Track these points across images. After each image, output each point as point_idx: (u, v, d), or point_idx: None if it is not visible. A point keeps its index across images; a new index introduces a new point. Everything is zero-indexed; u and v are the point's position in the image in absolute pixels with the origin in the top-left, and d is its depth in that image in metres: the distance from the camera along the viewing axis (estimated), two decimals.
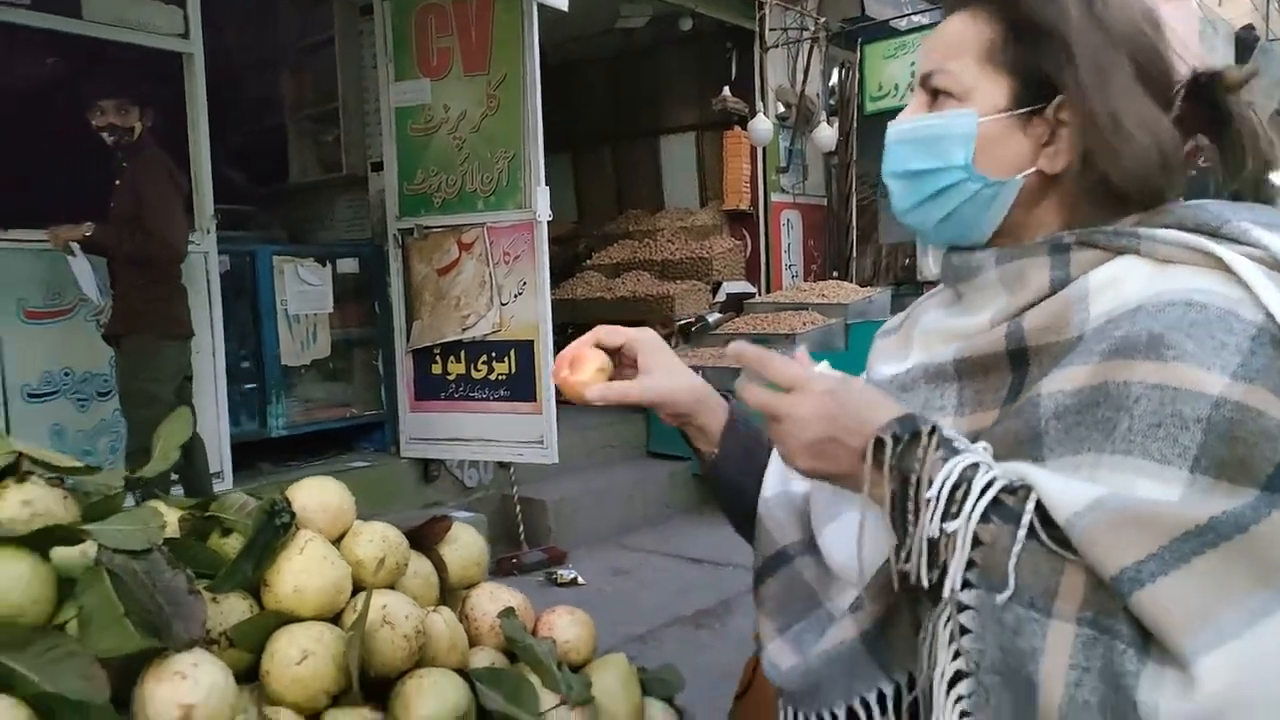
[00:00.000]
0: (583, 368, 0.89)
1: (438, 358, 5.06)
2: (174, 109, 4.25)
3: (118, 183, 3.78)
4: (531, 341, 4.85)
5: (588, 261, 7.49)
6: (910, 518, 0.68)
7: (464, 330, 4.94)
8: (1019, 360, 0.75)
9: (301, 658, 0.88)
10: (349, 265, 5.22)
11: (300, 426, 5.03)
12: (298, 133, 5.77)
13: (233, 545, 0.96)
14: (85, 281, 3.84)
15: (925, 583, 0.67)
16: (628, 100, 7.80)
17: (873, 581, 0.75)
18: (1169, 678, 0.58)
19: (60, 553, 0.87)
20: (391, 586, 1.01)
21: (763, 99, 6.98)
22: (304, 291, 5.01)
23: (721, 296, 6.73)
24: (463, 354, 5.00)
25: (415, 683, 0.94)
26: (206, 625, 0.86)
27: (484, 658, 1.05)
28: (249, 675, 0.91)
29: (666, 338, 6.47)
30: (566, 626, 1.12)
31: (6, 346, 3.97)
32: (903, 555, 0.68)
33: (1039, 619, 0.62)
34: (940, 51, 0.81)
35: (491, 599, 1.12)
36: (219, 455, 4.42)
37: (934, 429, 0.69)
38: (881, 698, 0.75)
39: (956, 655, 0.66)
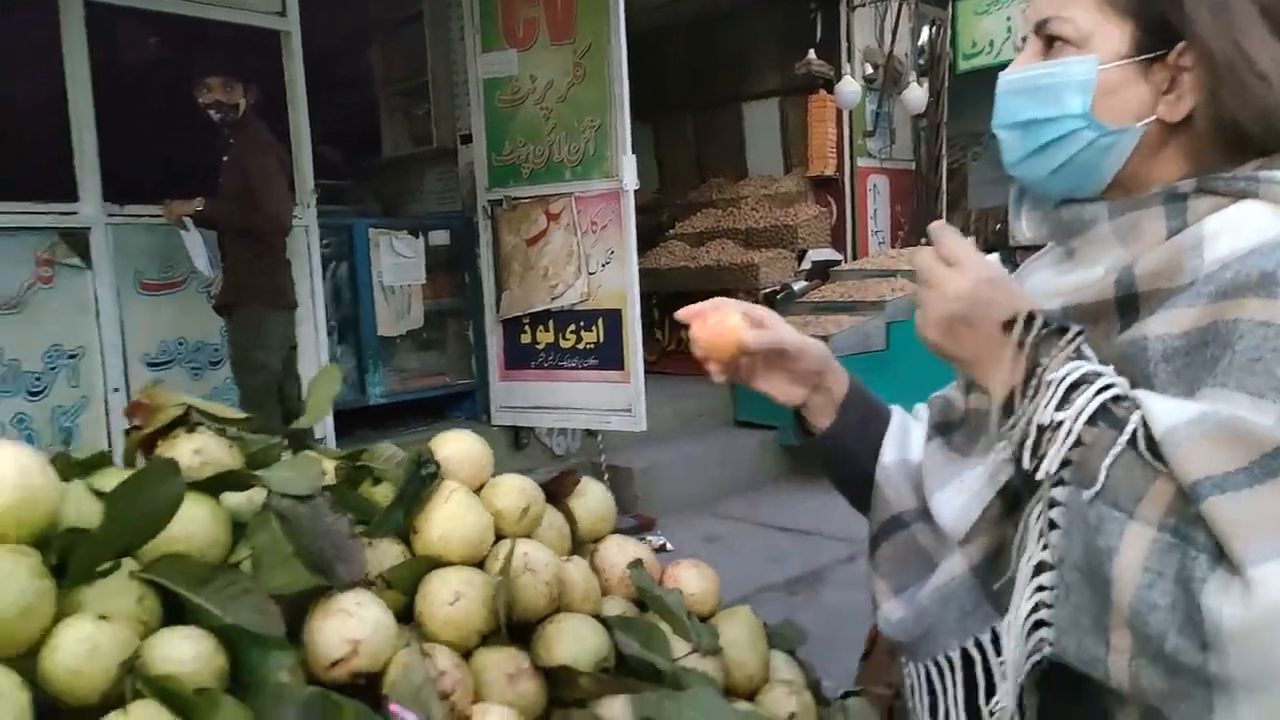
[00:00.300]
0: (728, 315, 0.89)
1: (526, 327, 5.14)
2: (274, 86, 4.37)
3: (225, 159, 3.92)
4: (619, 310, 4.89)
5: (670, 231, 7.47)
6: (1027, 402, 0.70)
7: (552, 299, 5.00)
8: (1128, 307, 0.74)
9: (454, 599, 0.92)
10: (440, 237, 5.32)
11: (396, 395, 5.18)
12: (389, 107, 5.89)
13: (383, 493, 1.00)
14: (197, 255, 4.01)
15: (1026, 463, 0.69)
16: (709, 67, 7.71)
17: (981, 518, 0.77)
18: (1235, 586, 0.60)
19: (228, 498, 0.92)
20: (528, 536, 1.04)
21: (849, 61, 6.83)
22: (398, 263, 5.14)
23: (807, 264, 6.65)
24: (551, 323, 5.06)
25: (555, 627, 0.98)
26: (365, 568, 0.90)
27: (615, 607, 1.08)
28: (401, 617, 0.95)
29: None
30: (692, 579, 1.14)
31: (126, 317, 4.18)
32: (1012, 433, 0.71)
33: (1120, 519, 0.64)
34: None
35: (620, 551, 1.14)
36: (322, 423, 4.59)
37: (1079, 333, 0.71)
38: (995, 639, 0.75)
39: (1044, 549, 0.69)
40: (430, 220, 5.43)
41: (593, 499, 1.17)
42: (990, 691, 0.76)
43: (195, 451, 0.93)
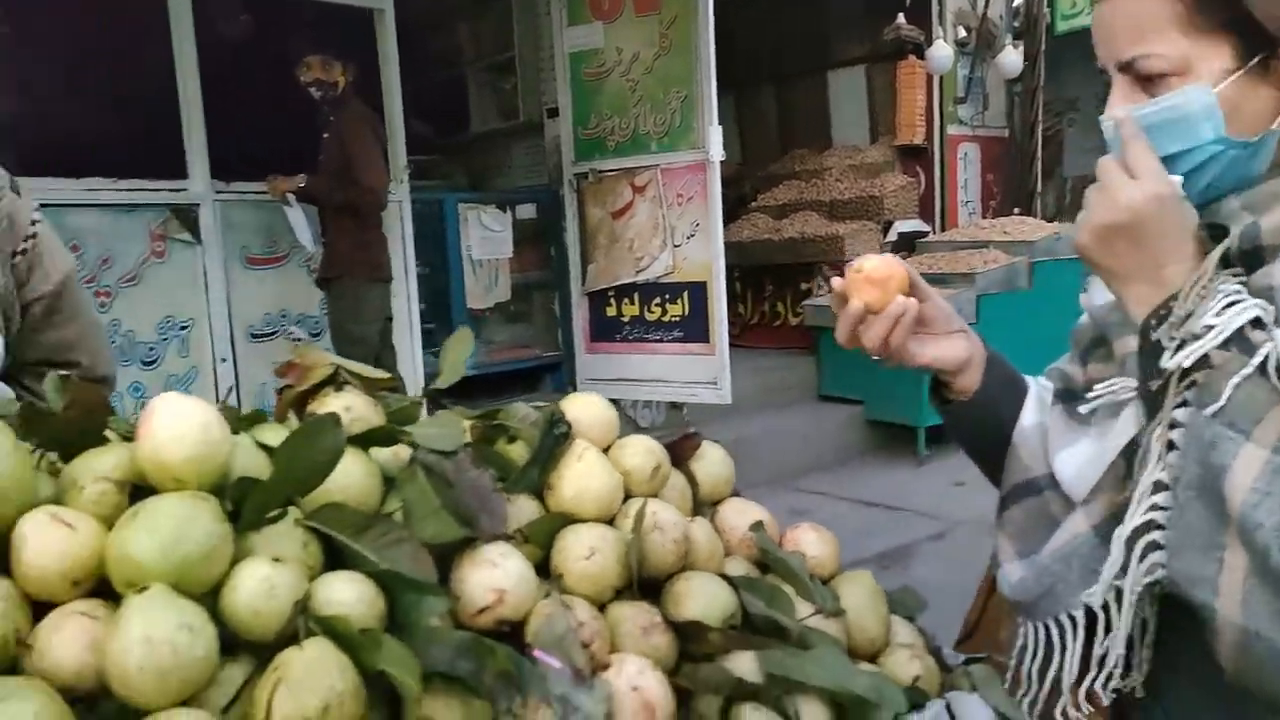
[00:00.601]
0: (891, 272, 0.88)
1: (612, 300, 5.18)
2: (368, 64, 4.47)
3: (325, 136, 4.04)
4: (704, 283, 4.88)
5: (753, 203, 7.41)
6: (1191, 302, 0.71)
7: (638, 272, 5.02)
8: (1254, 259, 0.74)
9: (589, 554, 0.94)
10: (527, 211, 5.39)
11: (485, 367, 5.29)
12: (477, 83, 5.97)
13: (517, 452, 1.03)
14: (300, 229, 4.15)
15: (1170, 361, 0.70)
16: (792, 35, 7.59)
17: (1105, 474, 0.77)
18: None
19: (375, 453, 0.96)
20: (655, 497, 1.06)
21: (940, 24, 6.64)
22: (486, 237, 5.22)
23: (893, 236, 6.52)
24: (636, 296, 5.08)
25: (684, 584, 1.00)
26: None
27: (737, 568, 1.10)
28: (536, 571, 0.98)
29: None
30: (813, 543, 1.15)
31: (233, 290, 4.35)
32: (1162, 335, 0.72)
33: (1235, 439, 0.66)
34: (1129, 36, 0.78)
35: (740, 513, 1.16)
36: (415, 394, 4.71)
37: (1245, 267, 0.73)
38: (1120, 596, 0.75)
39: (1163, 470, 0.71)
40: (517, 194, 5.50)
41: (712, 462, 1.18)
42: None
43: (345, 409, 0.97)
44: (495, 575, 0.88)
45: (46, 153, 3.71)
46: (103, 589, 0.75)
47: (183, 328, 4.25)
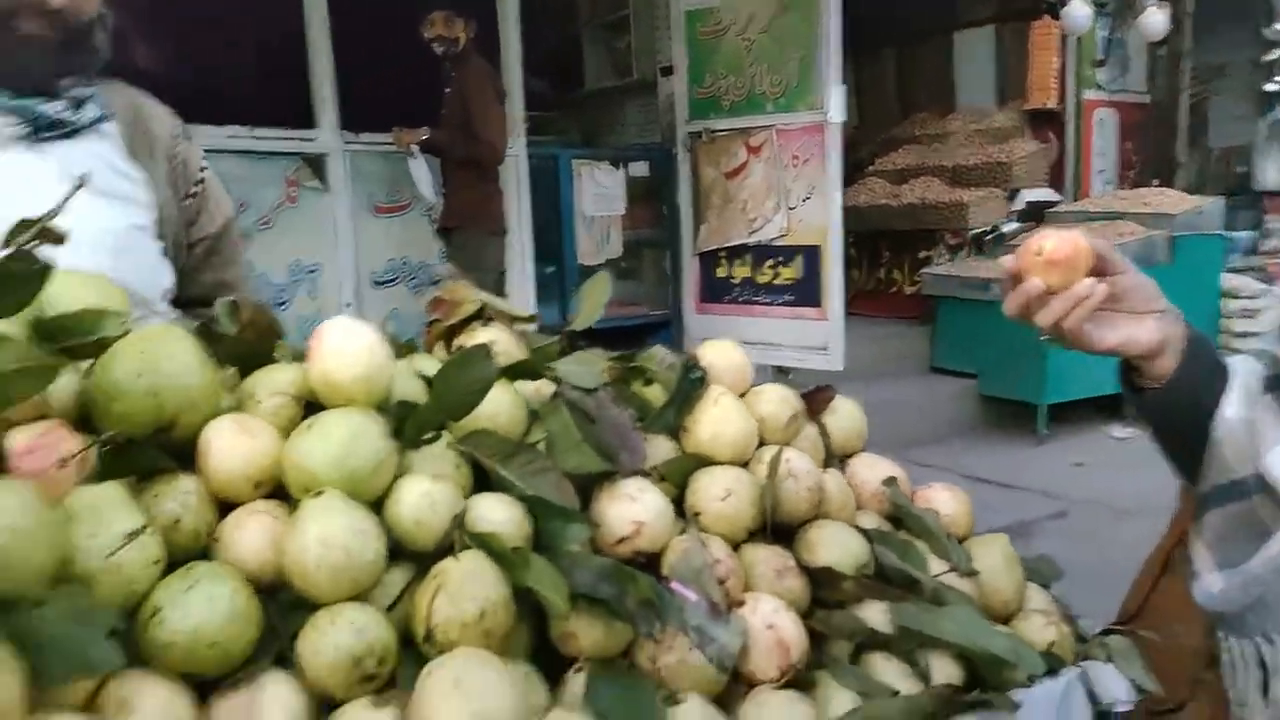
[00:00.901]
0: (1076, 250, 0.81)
1: (723, 260, 5.15)
2: (488, 20, 4.52)
3: (447, 91, 4.12)
4: (818, 247, 4.80)
5: (869, 167, 7.23)
6: None
7: (750, 234, 4.97)
8: None
9: (725, 495, 0.95)
10: (640, 169, 5.39)
11: (599, 322, 5.34)
12: (591, 40, 5.98)
13: (652, 394, 1.05)
14: (421, 180, 4.26)
15: None
16: None
17: None
18: None
19: (520, 386, 0.99)
20: (789, 445, 1.07)
21: None
22: (599, 193, 5.26)
23: (1020, 204, 6.26)
24: (748, 257, 5.04)
25: (817, 532, 1.00)
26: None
27: (868, 521, 1.09)
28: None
29: (957, 248, 6.17)
30: (946, 501, 1.14)
31: (359, 237, 4.52)
32: None
33: None
34: None
35: (871, 468, 1.15)
36: None
37: None
38: None
39: None
40: (630, 152, 5.51)
41: (845, 416, 1.18)
42: None
43: (491, 343, 1.00)
44: (634, 508, 0.90)
45: (193, 102, 3.88)
46: (278, 492, 0.80)
47: (310, 271, 4.43)
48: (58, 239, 0.84)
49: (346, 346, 0.83)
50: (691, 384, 1.02)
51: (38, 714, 0.60)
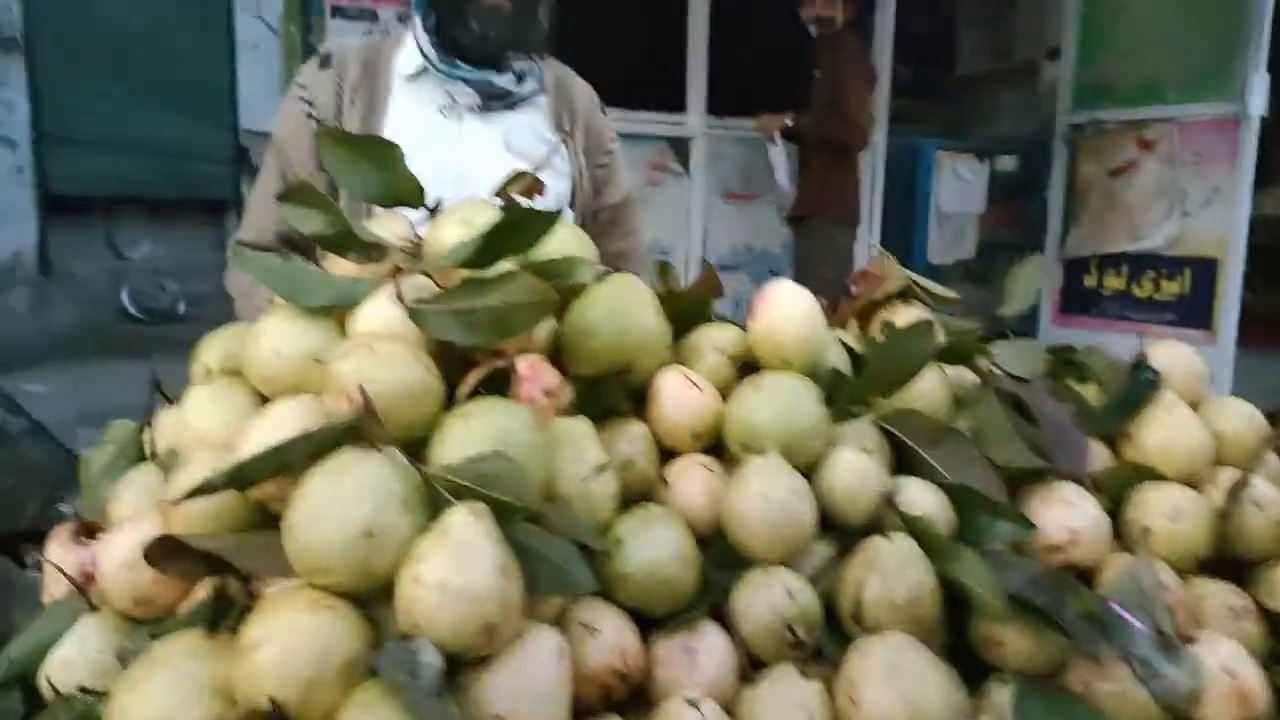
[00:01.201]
0: None
1: (1093, 268, 4.68)
2: (863, 1, 4.43)
3: (816, 73, 4.10)
4: (1215, 260, 4.22)
5: None
6: None
7: (1133, 240, 4.47)
8: None
9: (1174, 515, 0.85)
10: (1006, 163, 5.04)
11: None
12: (968, 21, 5.65)
13: (1087, 392, 0.96)
14: (779, 167, 4.28)
15: None
16: None
17: None
18: None
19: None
20: (1248, 469, 0.93)
21: None
22: (958, 188, 4.99)
23: None
24: (1125, 267, 4.54)
25: None
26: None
27: None
28: None
29: None
30: None
31: (709, 222, 4.66)
32: None
33: None
34: None
35: None
36: None
37: None
38: None
39: None
40: (999, 144, 5.16)
41: None
42: None
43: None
44: (1071, 514, 0.83)
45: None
46: (711, 448, 0.83)
47: (664, 253, 4.65)
48: (540, 190, 0.93)
49: (790, 308, 0.84)
50: (1141, 386, 0.92)
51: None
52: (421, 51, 1.53)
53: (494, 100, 1.57)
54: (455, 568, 0.59)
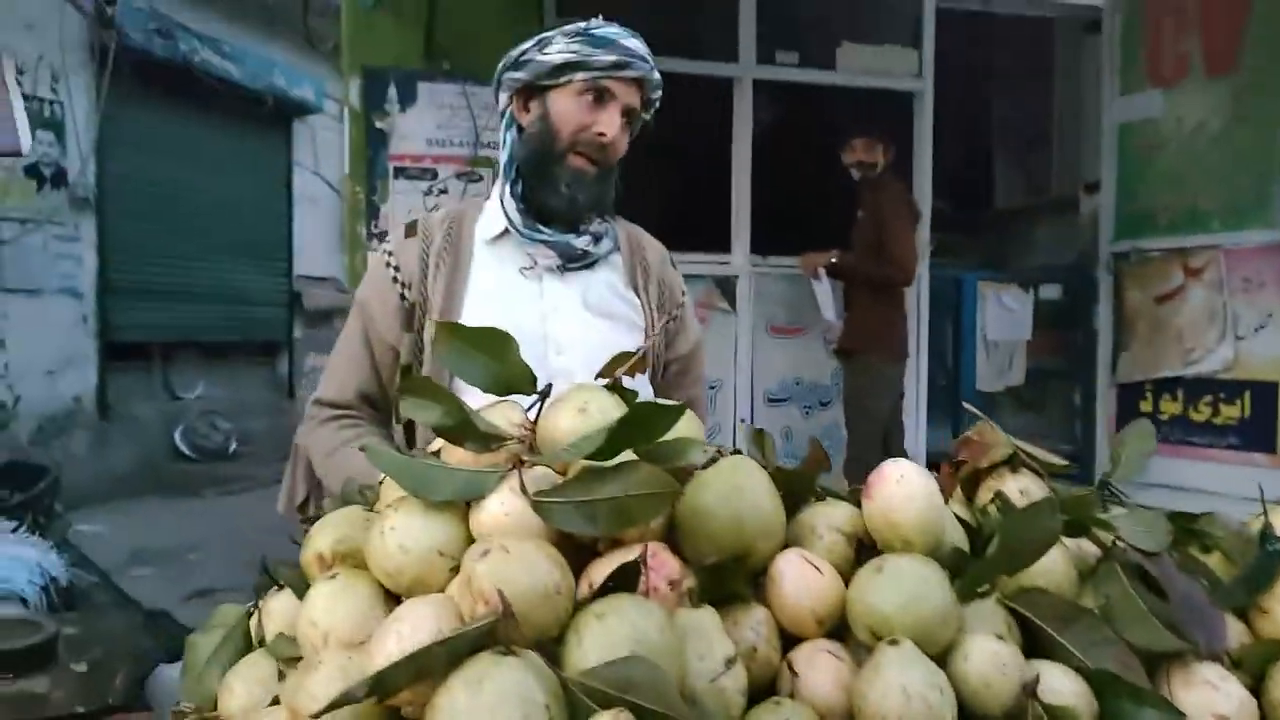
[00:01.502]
0: None
1: (1148, 394, 4.63)
2: (902, 143, 4.59)
3: (860, 214, 4.21)
4: (1274, 384, 4.15)
5: None
6: None
7: (1186, 365, 4.43)
8: None
9: None
10: (1051, 291, 5.07)
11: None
12: (1005, 158, 5.82)
13: (1211, 561, 0.93)
14: (825, 303, 4.35)
15: None
16: None
17: None
18: None
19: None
20: None
21: None
22: (1004, 317, 5.01)
23: None
24: (1180, 392, 4.49)
25: None
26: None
27: None
28: None
29: None
30: None
31: (756, 356, 4.70)
32: None
33: None
34: None
35: None
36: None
37: None
38: None
39: None
40: (1043, 273, 5.21)
41: None
42: None
43: (1020, 492, 0.96)
44: (1217, 699, 0.79)
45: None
46: (833, 632, 0.81)
47: (712, 388, 4.67)
48: (642, 367, 0.95)
49: (908, 488, 0.83)
50: (1272, 558, 0.89)
51: None
52: (506, 216, 1.60)
53: (573, 261, 1.63)
54: None
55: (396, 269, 1.63)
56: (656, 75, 1.61)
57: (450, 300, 1.60)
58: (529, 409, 0.90)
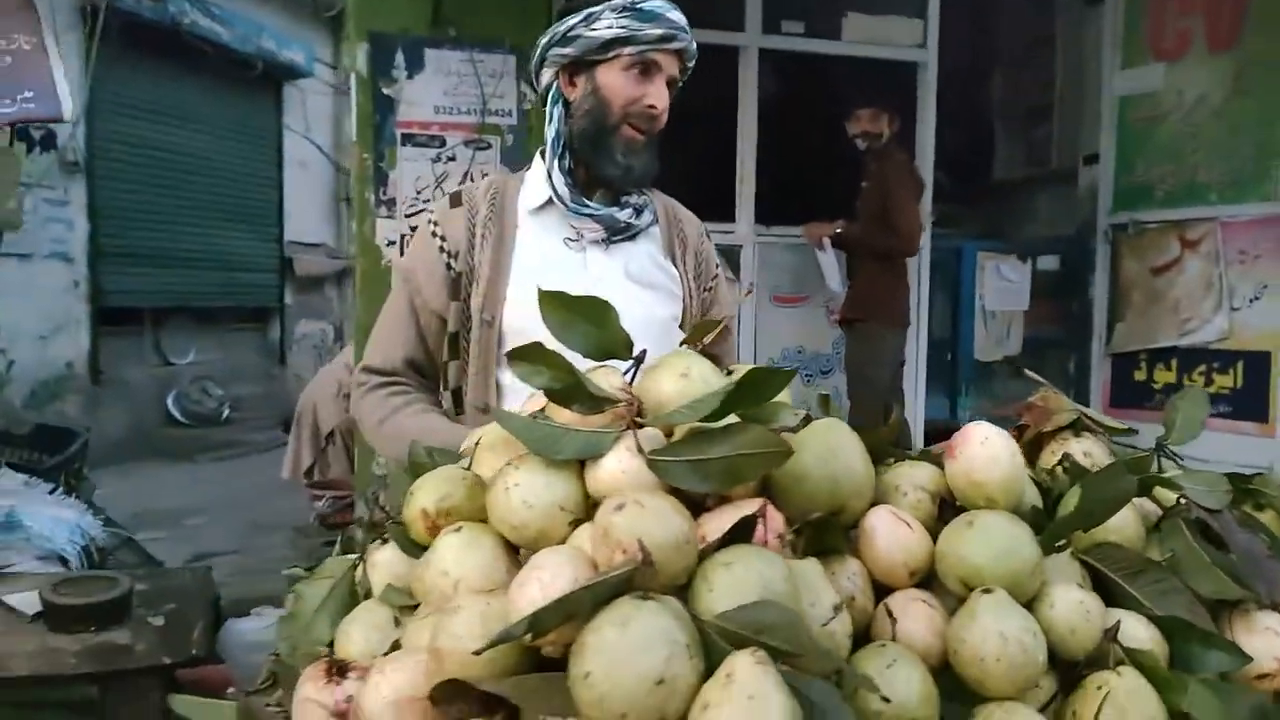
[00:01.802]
0: None
1: (1142, 363, 4.72)
2: (906, 114, 4.61)
3: (864, 184, 4.25)
4: (1268, 354, 4.25)
5: None
6: None
7: (1181, 335, 4.52)
8: None
9: None
10: (1049, 262, 5.14)
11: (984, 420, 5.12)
12: (1006, 130, 5.85)
13: (1265, 518, 0.99)
14: (829, 273, 4.40)
15: None
16: None
17: None
18: None
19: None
20: None
21: None
22: (1002, 288, 5.08)
23: None
24: (1174, 361, 4.59)
25: None
26: None
27: None
28: None
29: None
30: None
31: (760, 326, 4.75)
32: None
33: None
34: None
35: None
36: (917, 438, 4.73)
37: None
38: None
39: None
40: (1040, 244, 5.27)
41: None
42: None
43: (1084, 454, 1.01)
44: (1277, 644, 0.85)
45: None
46: (923, 582, 0.87)
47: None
48: (726, 336, 0.99)
49: (992, 448, 0.89)
50: None
51: None
52: (554, 189, 1.63)
53: (617, 234, 1.66)
54: (753, 715, 0.63)
55: (443, 239, 1.66)
56: (694, 45, 1.64)
57: (497, 270, 1.64)
58: (625, 373, 0.95)
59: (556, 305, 0.92)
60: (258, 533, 5.31)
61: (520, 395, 1.63)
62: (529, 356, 0.87)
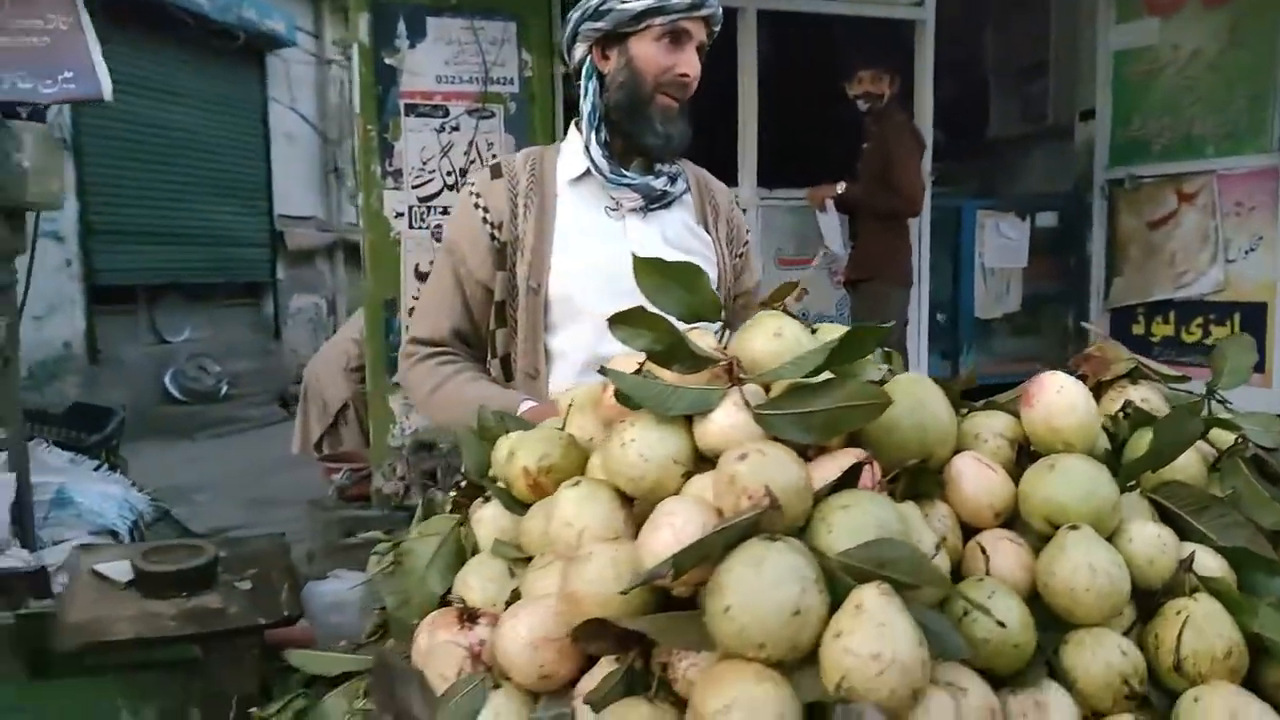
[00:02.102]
0: None
1: (1140, 317, 4.81)
2: (905, 74, 4.63)
3: (865, 145, 4.28)
4: (1264, 304, 4.34)
5: None
6: None
7: (1177, 288, 4.60)
8: None
9: None
10: (1047, 219, 5.19)
11: (986, 377, 5.15)
12: (1001, 87, 5.87)
13: None
14: (831, 235, 4.45)
15: None
16: None
17: None
18: None
19: None
20: None
21: None
22: (1001, 245, 5.14)
23: None
24: (1172, 314, 4.68)
25: None
26: None
27: None
28: None
29: None
30: None
31: (764, 286, 4.80)
32: None
33: None
34: None
35: None
36: None
37: None
38: None
39: None
40: (1038, 201, 5.33)
41: None
42: None
43: (1143, 400, 1.08)
44: None
45: None
46: (1006, 523, 0.93)
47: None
48: (799, 296, 1.04)
49: (1068, 396, 0.95)
50: None
51: None
52: (592, 161, 1.67)
53: (654, 202, 1.71)
54: (884, 640, 0.69)
55: (485, 210, 1.70)
56: (720, 10, 1.68)
57: (540, 239, 1.68)
58: (717, 334, 1.00)
59: (650, 270, 0.97)
60: (268, 507, 5.35)
61: (568, 360, 1.69)
62: (631, 320, 0.92)
